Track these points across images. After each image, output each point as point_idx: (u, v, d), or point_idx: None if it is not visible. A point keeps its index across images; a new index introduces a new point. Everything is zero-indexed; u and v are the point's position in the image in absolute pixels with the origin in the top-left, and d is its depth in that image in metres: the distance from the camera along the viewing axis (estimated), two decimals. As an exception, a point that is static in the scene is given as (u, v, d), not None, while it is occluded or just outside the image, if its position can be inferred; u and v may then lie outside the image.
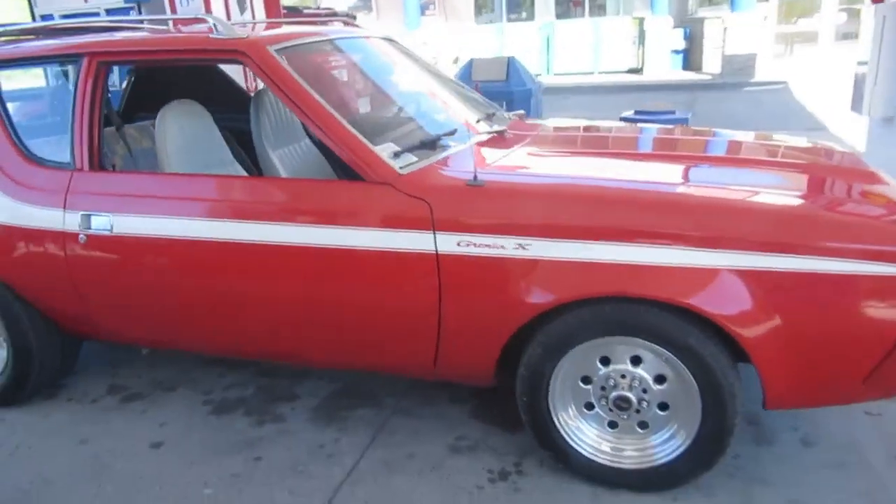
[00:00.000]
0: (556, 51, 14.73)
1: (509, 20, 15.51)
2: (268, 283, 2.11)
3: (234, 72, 3.59)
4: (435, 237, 1.92)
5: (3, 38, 2.63)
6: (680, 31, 13.68)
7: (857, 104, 4.01)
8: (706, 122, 8.23)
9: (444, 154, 2.21)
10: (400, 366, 2.20)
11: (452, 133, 2.36)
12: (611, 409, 1.96)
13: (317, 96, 2.09)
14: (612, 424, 2.00)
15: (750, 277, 1.72)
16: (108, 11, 5.00)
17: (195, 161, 2.56)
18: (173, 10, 4.71)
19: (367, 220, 1.99)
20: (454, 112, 2.68)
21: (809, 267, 1.70)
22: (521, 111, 3.15)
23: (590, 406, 2.00)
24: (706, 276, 1.74)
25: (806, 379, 1.79)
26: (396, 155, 2.07)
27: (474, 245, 1.90)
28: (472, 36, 15.16)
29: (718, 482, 2.02)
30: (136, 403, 2.66)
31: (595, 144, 2.73)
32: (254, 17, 5.20)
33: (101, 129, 2.37)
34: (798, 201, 1.87)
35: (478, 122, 2.62)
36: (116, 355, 3.03)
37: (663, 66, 13.40)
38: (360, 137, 2.05)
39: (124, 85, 3.79)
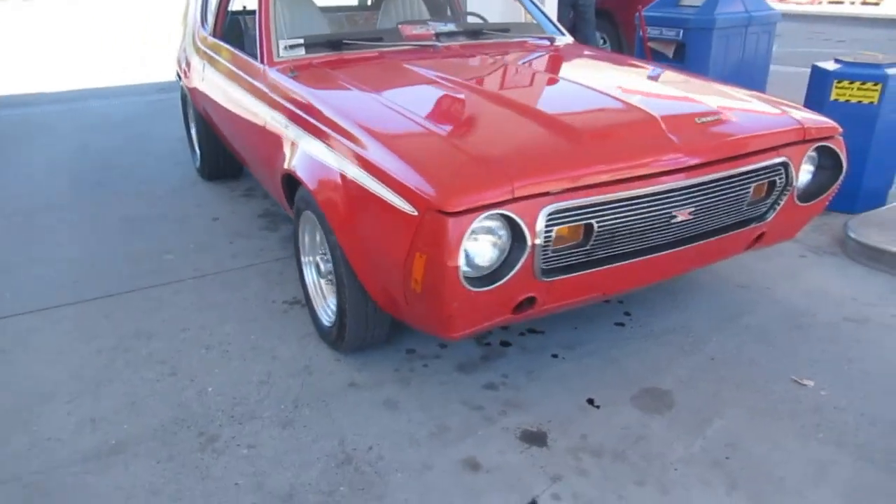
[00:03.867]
0: None
1: None
2: (232, 120, 3.16)
3: None
4: (268, 108, 2.64)
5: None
6: None
7: None
8: None
9: (333, 52, 2.77)
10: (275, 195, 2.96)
11: (376, 38, 2.88)
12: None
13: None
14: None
15: (348, 182, 2.00)
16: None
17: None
18: None
19: (252, 88, 2.81)
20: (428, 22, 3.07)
21: (370, 185, 1.89)
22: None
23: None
24: (327, 171, 2.08)
25: (382, 289, 1.99)
26: (290, 47, 2.77)
27: (272, 119, 2.56)
28: None
29: (375, 361, 2.34)
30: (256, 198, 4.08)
31: (472, 72, 2.70)
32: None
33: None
34: (414, 134, 1.98)
35: (439, 35, 2.97)
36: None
37: None
38: (272, 29, 2.80)
39: None
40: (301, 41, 2.79)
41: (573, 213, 1.79)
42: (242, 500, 1.79)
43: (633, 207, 1.87)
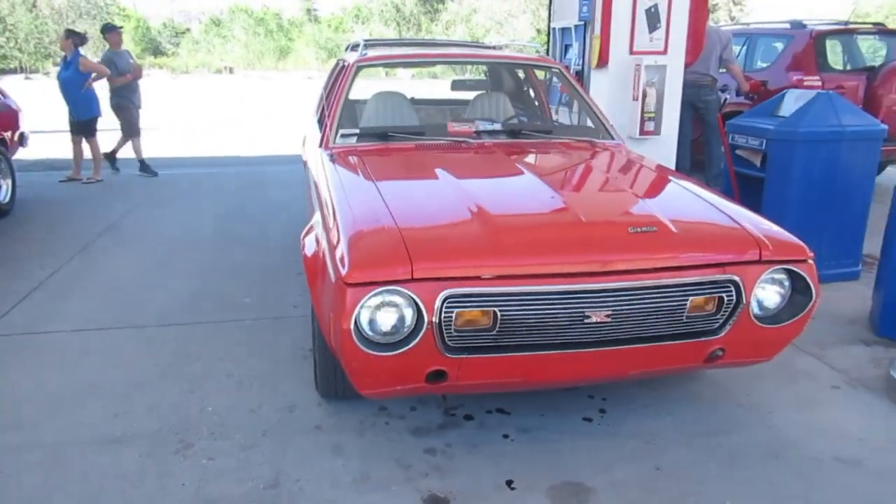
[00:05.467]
0: None
1: None
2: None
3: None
4: (312, 185, 3.16)
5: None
6: None
7: None
8: None
9: (376, 141, 3.23)
10: None
11: (419, 133, 3.30)
12: None
13: (342, 92, 3.46)
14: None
15: (319, 247, 2.39)
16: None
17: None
18: (605, 33, 5.69)
19: (313, 166, 3.35)
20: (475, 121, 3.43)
21: (325, 252, 2.26)
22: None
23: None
24: (312, 236, 2.50)
25: (330, 343, 2.31)
26: (344, 136, 3.28)
27: (312, 194, 3.07)
28: None
29: (347, 411, 2.63)
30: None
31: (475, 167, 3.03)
32: (667, 35, 5.72)
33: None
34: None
35: (480, 132, 3.32)
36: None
37: None
38: (336, 120, 3.35)
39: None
40: (356, 131, 3.31)
41: (474, 299, 2.00)
42: (180, 495, 2.17)
43: (539, 302, 2.03)
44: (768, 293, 2.25)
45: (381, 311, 2.00)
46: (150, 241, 5.08)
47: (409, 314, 2.00)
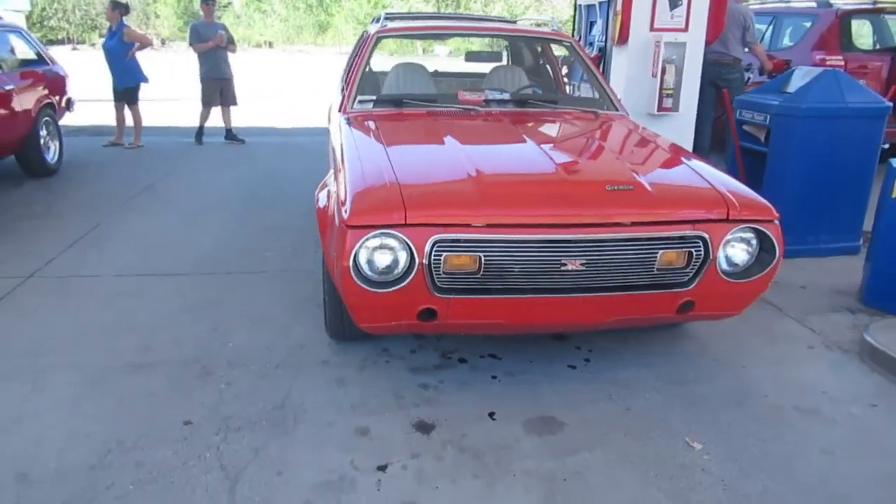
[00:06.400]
0: None
1: None
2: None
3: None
4: (331, 146, 3.41)
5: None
6: None
7: None
8: None
9: (391, 107, 3.47)
10: None
11: (431, 100, 3.53)
12: None
13: (362, 61, 3.70)
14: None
15: (329, 198, 2.65)
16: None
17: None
18: (626, 10, 5.78)
19: (332, 129, 3.60)
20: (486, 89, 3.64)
21: (333, 201, 2.51)
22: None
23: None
24: (325, 188, 2.76)
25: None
26: (362, 102, 3.53)
27: (330, 154, 3.32)
28: None
29: (352, 350, 2.90)
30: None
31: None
32: (688, 13, 5.80)
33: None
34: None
35: (489, 101, 3.53)
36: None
37: None
38: (355, 87, 3.59)
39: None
40: (373, 97, 3.54)
41: (460, 244, 2.23)
42: (199, 411, 2.48)
43: (520, 249, 2.25)
44: (736, 250, 2.43)
45: (378, 252, 2.25)
46: (184, 201, 5.41)
47: (402, 256, 2.25)
